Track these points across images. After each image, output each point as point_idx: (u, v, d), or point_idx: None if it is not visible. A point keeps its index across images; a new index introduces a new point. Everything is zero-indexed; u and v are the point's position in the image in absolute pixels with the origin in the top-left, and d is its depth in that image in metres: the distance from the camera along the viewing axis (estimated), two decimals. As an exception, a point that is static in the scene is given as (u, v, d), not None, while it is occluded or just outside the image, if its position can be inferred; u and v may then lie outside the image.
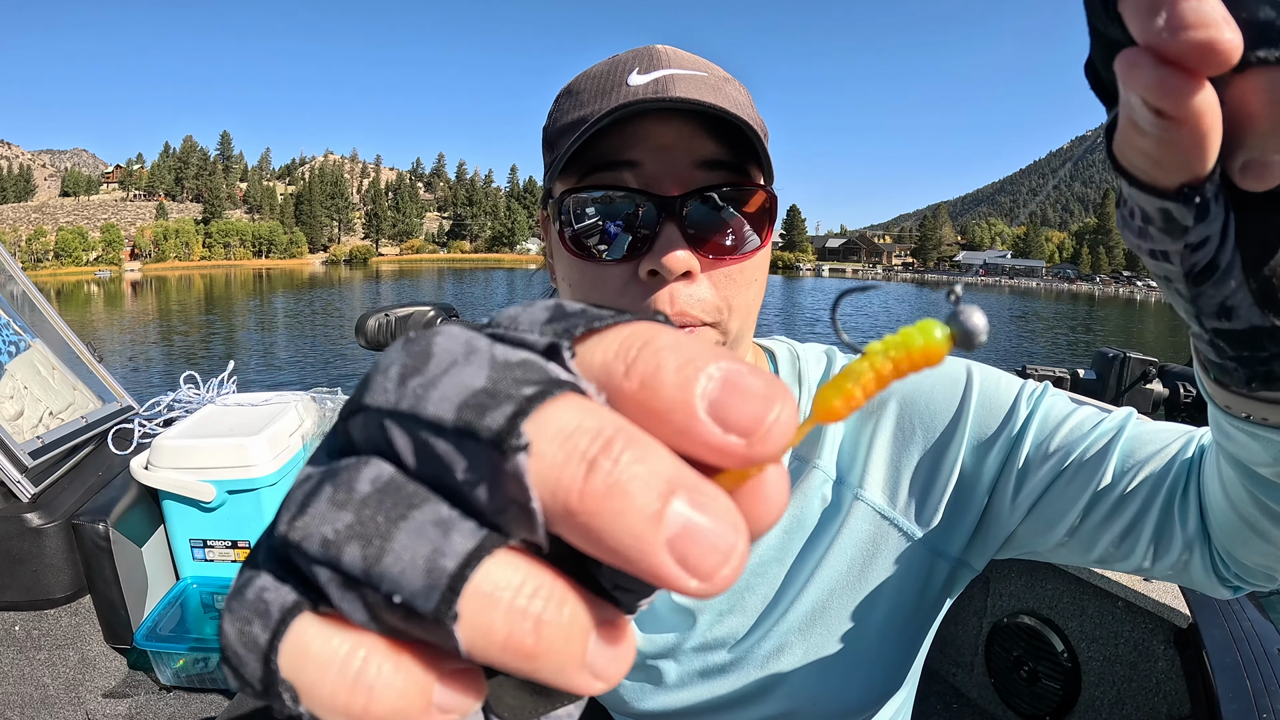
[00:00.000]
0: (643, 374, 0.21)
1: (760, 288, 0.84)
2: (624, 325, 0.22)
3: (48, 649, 2.27)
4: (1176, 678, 1.90)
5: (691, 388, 0.20)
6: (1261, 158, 0.34)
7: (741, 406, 0.20)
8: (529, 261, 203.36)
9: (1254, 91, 0.32)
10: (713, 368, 0.21)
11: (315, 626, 0.21)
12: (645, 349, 0.21)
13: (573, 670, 0.20)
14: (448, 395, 0.20)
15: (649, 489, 0.19)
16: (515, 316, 0.24)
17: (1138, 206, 0.39)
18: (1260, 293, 0.41)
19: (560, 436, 0.19)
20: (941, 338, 0.24)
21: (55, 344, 2.81)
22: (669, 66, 0.78)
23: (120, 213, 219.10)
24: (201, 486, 2.38)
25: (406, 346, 0.22)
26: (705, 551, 0.19)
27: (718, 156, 0.78)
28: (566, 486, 0.19)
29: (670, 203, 0.76)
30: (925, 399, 0.91)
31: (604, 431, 0.20)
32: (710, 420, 0.20)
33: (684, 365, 0.21)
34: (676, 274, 0.75)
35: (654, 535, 0.19)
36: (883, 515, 0.90)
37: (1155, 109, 0.31)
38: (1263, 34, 0.31)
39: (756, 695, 0.91)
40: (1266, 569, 0.68)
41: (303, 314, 44.20)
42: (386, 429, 0.21)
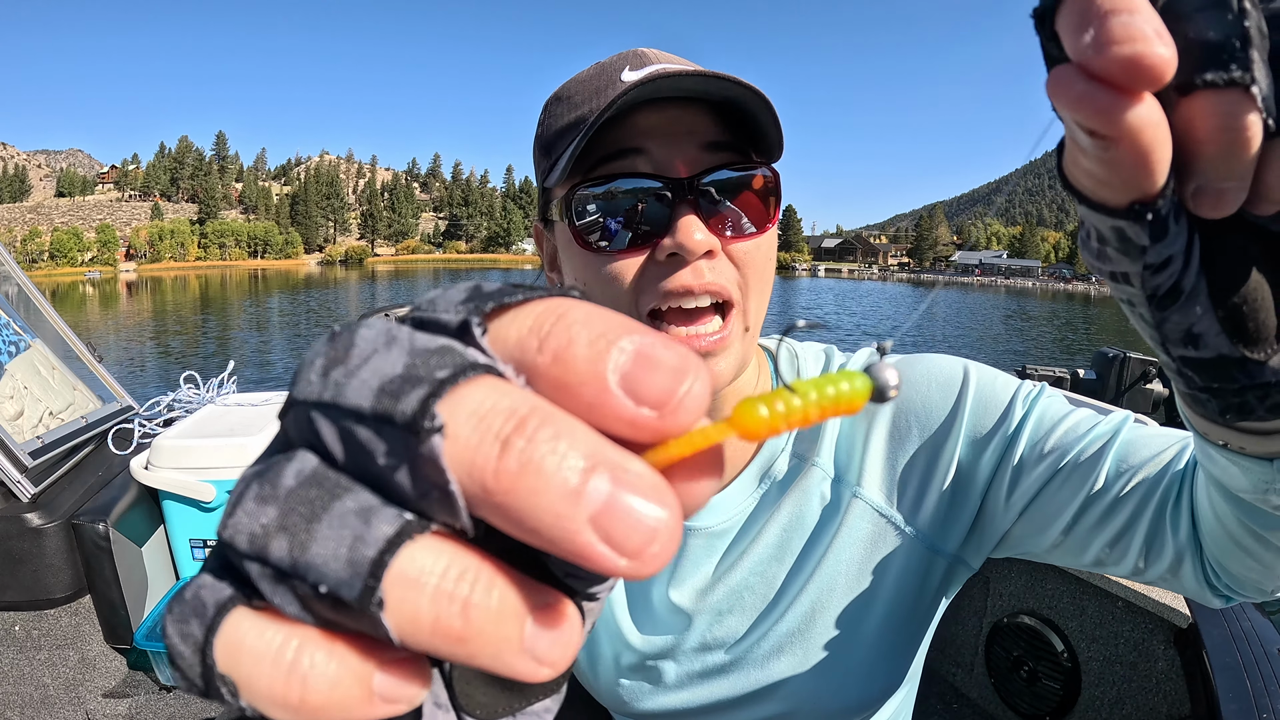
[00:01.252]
0: (555, 348, 0.21)
1: (772, 269, 0.85)
2: (538, 300, 0.22)
3: (48, 649, 2.27)
4: (1176, 678, 1.90)
5: (604, 360, 0.20)
6: (1211, 185, 0.33)
7: (653, 379, 0.20)
8: (525, 262, 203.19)
9: (1200, 116, 0.30)
10: (625, 341, 0.21)
11: (249, 620, 0.21)
12: (559, 323, 0.21)
13: (511, 655, 0.20)
14: (366, 382, 0.20)
15: (566, 465, 0.19)
16: (434, 299, 0.24)
17: (1092, 226, 0.37)
18: (1228, 321, 0.39)
19: (474, 417, 0.19)
20: (861, 389, 0.24)
21: (55, 344, 2.80)
22: (657, 64, 0.80)
23: (115, 213, 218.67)
24: (201, 486, 2.38)
25: (331, 339, 0.22)
26: (631, 528, 0.19)
27: (721, 138, 0.79)
28: (481, 466, 0.19)
29: (682, 184, 0.77)
30: (921, 397, 0.91)
31: (518, 410, 0.20)
32: (622, 393, 0.20)
33: (597, 338, 0.21)
34: (698, 254, 0.76)
35: (575, 513, 0.19)
36: (881, 513, 0.90)
37: (1087, 129, 0.30)
38: (1209, 56, 0.30)
39: (756, 695, 0.91)
40: (1257, 582, 0.68)
41: (300, 314, 44.14)
42: (313, 420, 0.21)
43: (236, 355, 4.95)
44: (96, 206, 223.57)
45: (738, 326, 0.80)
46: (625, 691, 0.99)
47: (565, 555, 0.19)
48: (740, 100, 0.76)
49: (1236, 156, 0.31)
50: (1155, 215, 0.33)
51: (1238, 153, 0.31)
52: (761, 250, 0.82)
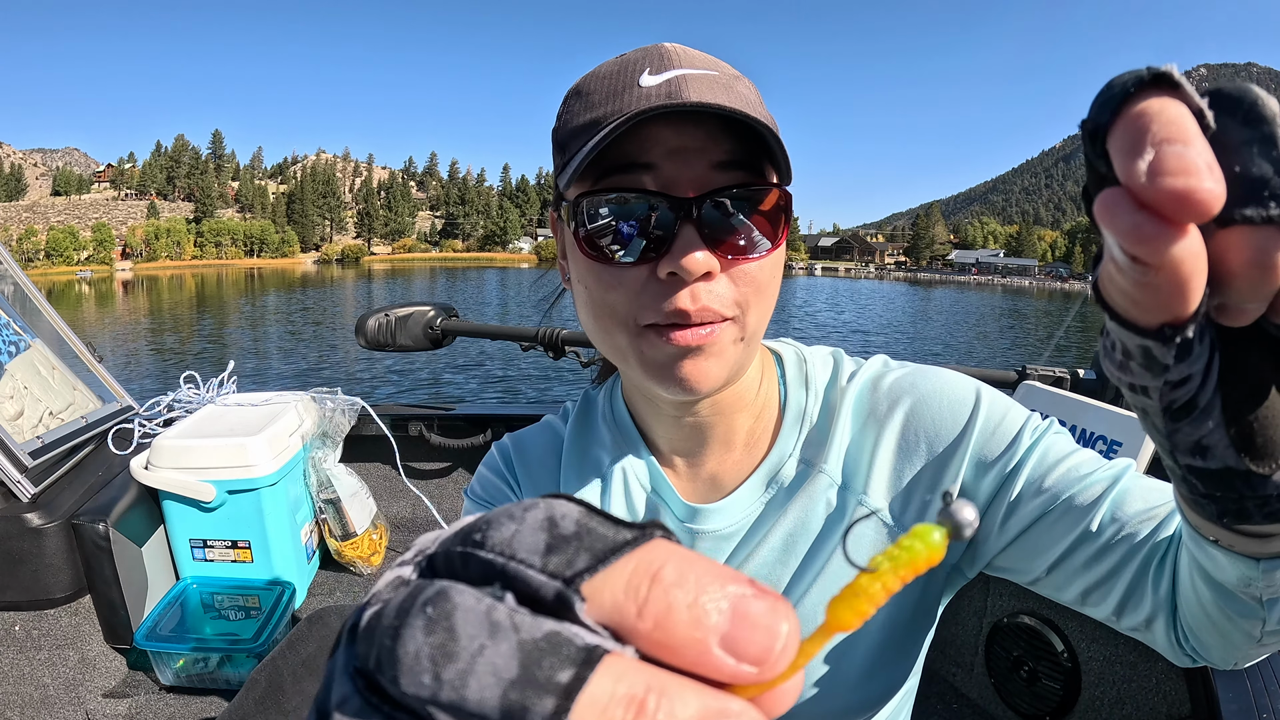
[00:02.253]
0: (655, 615, 0.22)
1: (776, 285, 0.85)
2: (628, 558, 0.23)
3: (48, 649, 2.26)
4: (1176, 678, 1.90)
5: (704, 626, 0.21)
6: (1236, 307, 0.34)
7: (751, 638, 0.21)
8: (521, 260, 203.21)
9: (1235, 249, 0.31)
10: (722, 602, 0.22)
11: None
12: (655, 588, 0.22)
13: None
14: (486, 686, 0.20)
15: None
16: (509, 542, 0.24)
17: (1119, 340, 0.38)
18: (1239, 437, 0.40)
19: (598, 711, 0.20)
20: (939, 543, 0.25)
21: (55, 344, 2.80)
22: (679, 66, 0.79)
23: (112, 212, 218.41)
24: (201, 486, 2.38)
25: (428, 625, 0.21)
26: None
27: (732, 157, 0.78)
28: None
29: (687, 204, 0.76)
30: (932, 414, 0.91)
31: (636, 695, 0.20)
32: (723, 654, 0.21)
33: (694, 604, 0.21)
34: (696, 275, 0.75)
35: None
36: (885, 522, 0.90)
37: (1130, 255, 0.31)
38: (1251, 191, 0.30)
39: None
40: (1222, 653, 0.69)
41: (298, 314, 44.07)
42: (433, 715, 0.21)
43: (235, 355, 4.94)
44: (92, 205, 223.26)
45: (730, 334, 0.80)
46: None
47: None
48: (753, 123, 0.75)
49: (1267, 286, 0.32)
50: (1182, 338, 0.34)
51: (1267, 283, 0.32)
52: (765, 270, 0.81)
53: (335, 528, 2.80)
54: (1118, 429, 1.97)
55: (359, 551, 2.84)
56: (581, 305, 0.86)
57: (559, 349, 2.58)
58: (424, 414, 3.00)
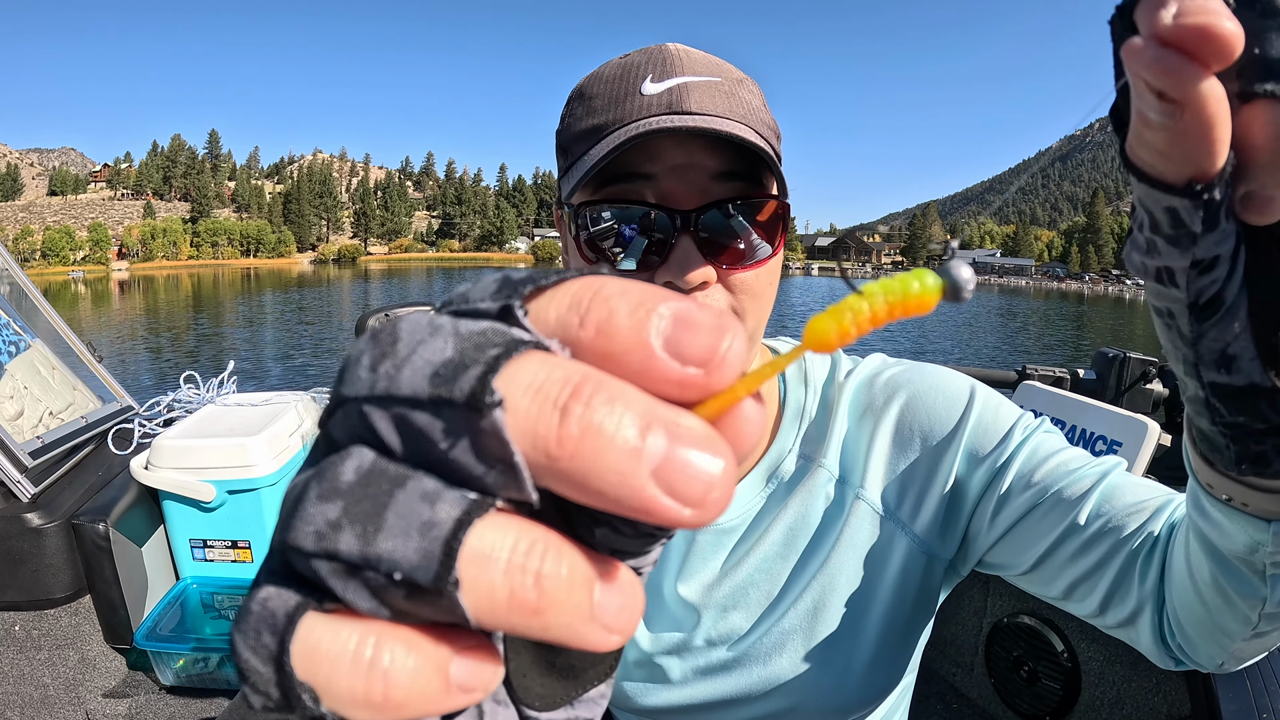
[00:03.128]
0: (597, 321, 0.21)
1: (773, 290, 0.87)
2: (573, 280, 0.23)
3: (48, 649, 2.26)
4: (1176, 678, 1.91)
5: (646, 328, 0.21)
6: (1262, 191, 0.35)
7: (695, 339, 0.21)
8: (518, 260, 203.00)
9: (1258, 123, 0.33)
10: (663, 307, 0.21)
11: (322, 623, 0.21)
12: (596, 298, 0.22)
13: (582, 624, 0.21)
14: (419, 370, 0.21)
15: (624, 424, 0.20)
16: (466, 292, 0.24)
17: (1146, 212, 0.38)
18: (1265, 345, 0.40)
19: (531, 389, 0.20)
20: (933, 286, 0.24)
21: (55, 344, 2.79)
22: (681, 73, 0.80)
23: (108, 212, 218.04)
24: (201, 486, 2.38)
25: (373, 335, 0.22)
26: (691, 478, 0.20)
27: (731, 168, 0.79)
28: (544, 435, 0.20)
29: (686, 216, 0.77)
30: (927, 409, 0.93)
31: (572, 378, 0.20)
32: (668, 355, 0.21)
33: (636, 308, 0.21)
34: (692, 286, 0.77)
35: (637, 469, 0.19)
36: (882, 516, 0.92)
37: (1158, 91, 0.32)
38: (1271, 69, 0.32)
39: (758, 691, 0.92)
40: (1210, 651, 0.69)
41: (294, 313, 44.02)
42: (366, 415, 0.22)
43: (233, 356, 4.92)
44: (89, 205, 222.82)
45: None
46: (629, 688, 0.99)
47: (631, 512, 0.20)
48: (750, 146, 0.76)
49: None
50: (1210, 197, 0.35)
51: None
52: (761, 279, 0.83)
53: (335, 528, 2.77)
54: (1118, 429, 1.98)
55: (359, 551, 2.81)
56: None
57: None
58: None
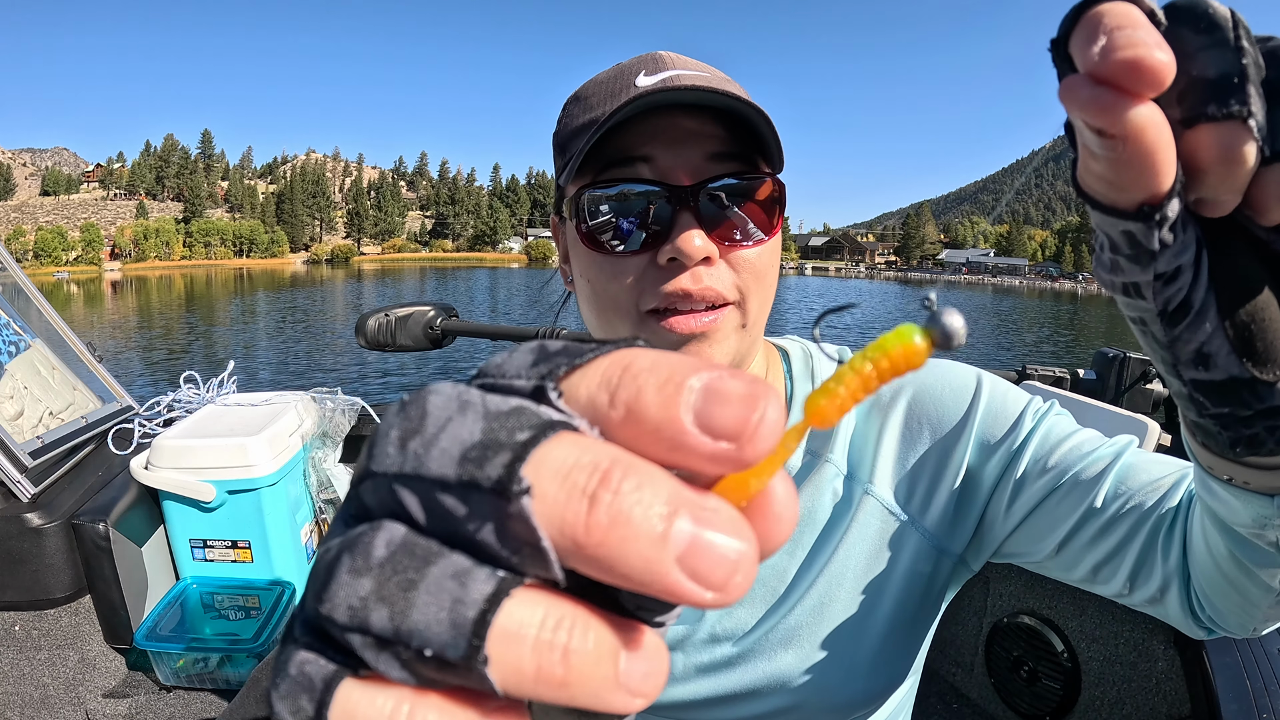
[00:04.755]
0: (627, 400, 0.22)
1: (775, 275, 0.87)
2: (603, 356, 0.23)
3: (48, 649, 2.26)
4: (1176, 678, 1.91)
5: (675, 403, 0.21)
6: (1212, 199, 0.36)
7: (726, 412, 0.21)
8: (511, 260, 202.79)
9: (1203, 146, 0.34)
10: (693, 379, 0.21)
11: (358, 690, 0.21)
12: (625, 374, 0.22)
13: (608, 692, 0.21)
14: (447, 451, 0.21)
15: (651, 513, 0.20)
16: (501, 364, 0.25)
17: (1104, 234, 0.39)
18: (1238, 339, 0.40)
19: (559, 475, 0.20)
20: (921, 344, 0.24)
21: (55, 344, 2.79)
22: (674, 69, 0.81)
23: (100, 212, 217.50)
24: (201, 486, 2.37)
25: (402, 409, 0.23)
26: (715, 563, 0.20)
27: (727, 148, 0.80)
28: (571, 523, 0.20)
29: (684, 192, 0.78)
30: (934, 401, 0.93)
31: (600, 464, 0.20)
32: (698, 430, 0.21)
33: (664, 383, 0.21)
34: (696, 259, 0.78)
35: (663, 556, 0.20)
36: (891, 511, 0.91)
37: (1095, 129, 0.33)
38: (1210, 92, 0.33)
39: (762, 688, 0.91)
40: (1240, 618, 0.69)
41: (288, 313, 43.92)
42: (395, 492, 0.22)
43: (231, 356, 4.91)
44: (81, 205, 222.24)
45: (733, 320, 0.82)
46: None
47: (653, 594, 0.20)
48: (745, 112, 0.77)
49: (1234, 177, 0.34)
50: (1162, 217, 0.35)
51: (1235, 174, 0.34)
52: (763, 257, 0.84)
53: (335, 527, 2.78)
54: (1117, 428, 1.99)
55: (358, 551, 2.81)
56: (584, 300, 0.88)
57: (559, 348, 2.57)
58: None
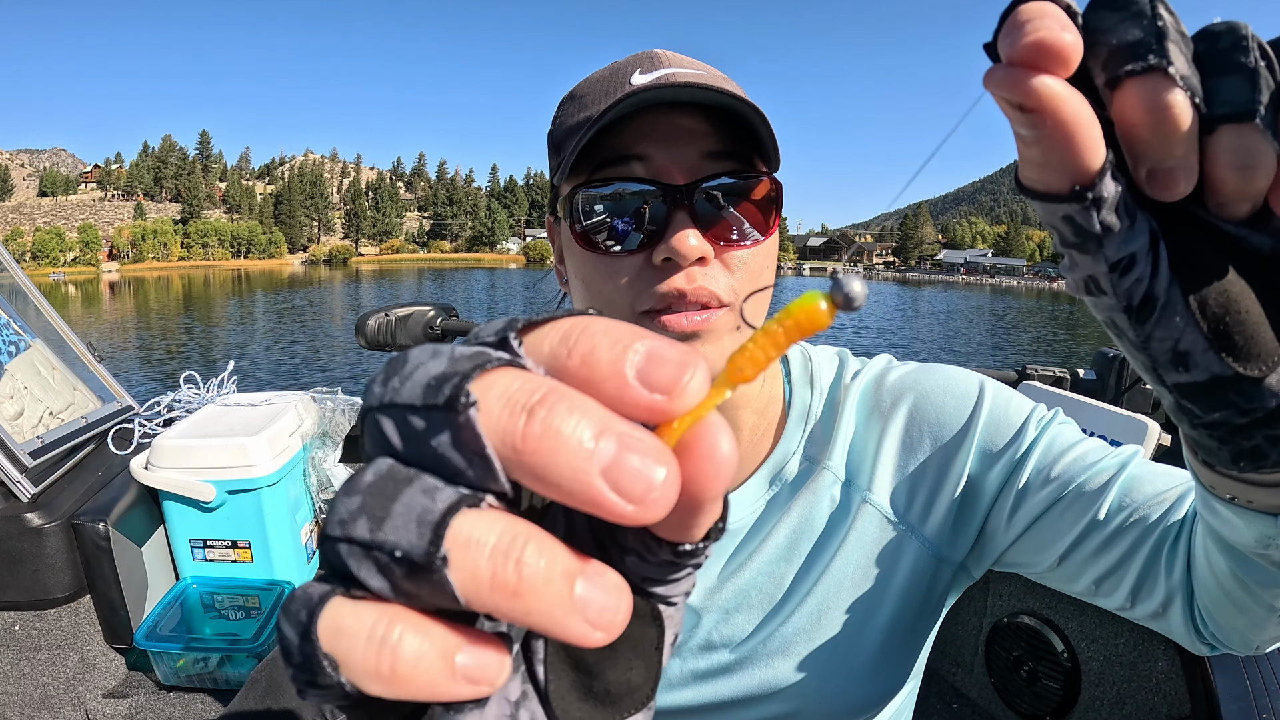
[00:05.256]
0: (582, 352, 0.25)
1: (770, 274, 0.86)
2: (564, 318, 0.27)
3: (48, 649, 2.26)
4: (1176, 678, 1.90)
5: (622, 360, 0.25)
6: (1157, 165, 0.36)
7: (662, 371, 0.24)
8: (509, 261, 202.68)
9: (1129, 103, 0.35)
10: (639, 344, 0.25)
11: (347, 605, 0.25)
12: (583, 333, 0.26)
13: (563, 614, 0.23)
14: (416, 383, 0.25)
15: (580, 429, 0.23)
16: (479, 330, 0.28)
17: (1052, 229, 0.40)
18: (1213, 333, 0.39)
19: (503, 395, 0.24)
20: (823, 307, 0.28)
21: (55, 344, 2.79)
22: (669, 67, 0.81)
23: (98, 213, 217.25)
24: (201, 486, 2.38)
25: (390, 361, 0.27)
26: (634, 478, 0.23)
27: (723, 147, 0.80)
28: (510, 431, 0.23)
29: (679, 191, 0.78)
30: (935, 408, 0.92)
31: (539, 389, 0.24)
32: (639, 384, 0.24)
33: (615, 343, 0.25)
34: (690, 259, 0.77)
35: (589, 467, 0.23)
36: (890, 519, 0.91)
37: (1016, 105, 0.35)
38: (1129, 52, 0.34)
39: (760, 694, 0.91)
40: (1243, 635, 0.68)
41: (287, 313, 43.88)
42: (379, 422, 0.26)
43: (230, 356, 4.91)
44: (79, 206, 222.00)
45: (727, 321, 0.81)
46: None
47: (582, 505, 0.23)
48: (741, 110, 0.77)
49: (1169, 133, 0.35)
50: (1097, 197, 0.36)
51: (1169, 129, 0.34)
52: (758, 257, 0.83)
53: (335, 528, 2.77)
54: (1118, 429, 1.99)
55: (358, 551, 2.81)
56: (579, 300, 0.88)
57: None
58: None
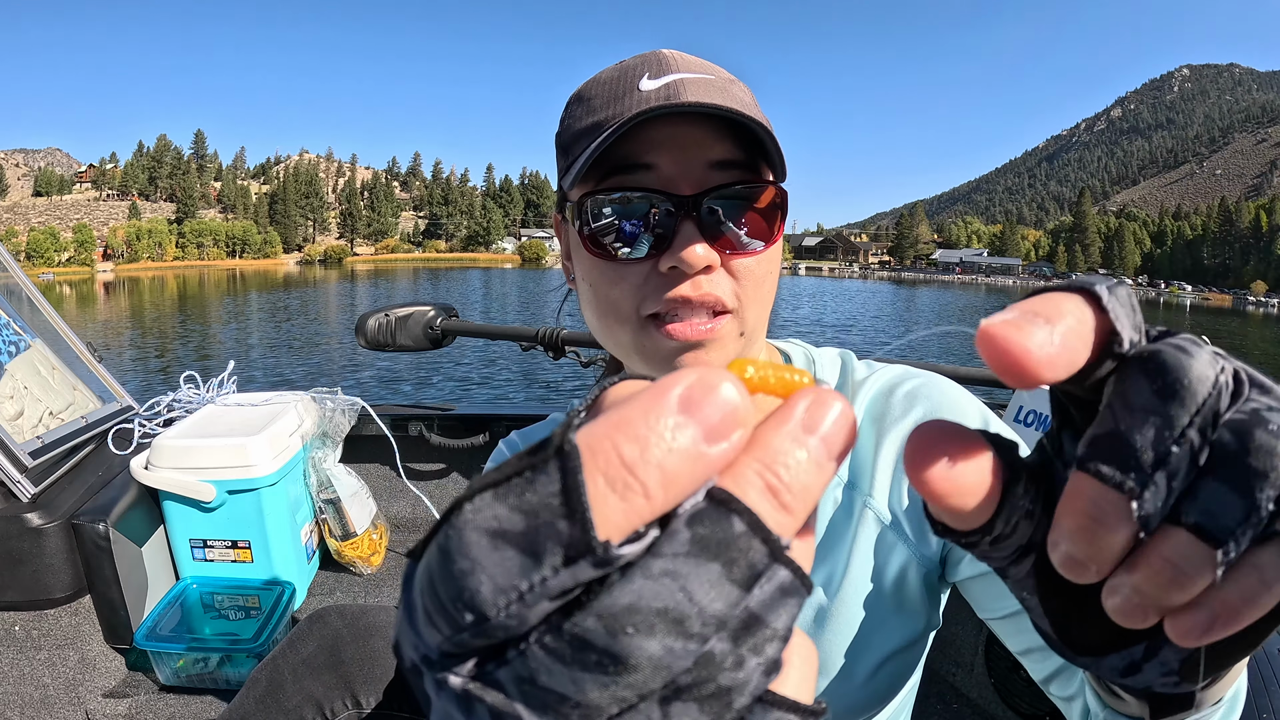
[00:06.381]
0: (658, 482, 0.21)
1: (774, 281, 0.87)
2: (589, 478, 0.21)
3: (48, 649, 2.25)
4: (1177, 676, 1.91)
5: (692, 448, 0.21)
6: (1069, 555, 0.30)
7: (718, 424, 0.22)
8: (504, 261, 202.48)
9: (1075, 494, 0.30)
10: (678, 426, 0.21)
11: None
12: (632, 471, 0.21)
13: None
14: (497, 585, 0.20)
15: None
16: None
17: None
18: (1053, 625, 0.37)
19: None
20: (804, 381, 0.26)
21: (55, 344, 2.78)
22: (678, 71, 0.81)
23: (93, 213, 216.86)
24: (201, 486, 2.38)
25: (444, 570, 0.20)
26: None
27: (730, 156, 0.80)
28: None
29: (686, 201, 0.79)
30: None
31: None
32: (710, 446, 0.22)
33: (674, 440, 0.21)
34: (697, 268, 0.78)
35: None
36: (887, 524, 0.91)
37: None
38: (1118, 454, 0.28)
39: None
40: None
41: (288, 314, 43.82)
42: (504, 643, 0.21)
43: (231, 355, 4.90)
44: (74, 206, 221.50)
45: (732, 328, 0.82)
46: None
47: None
48: (748, 123, 0.77)
49: (1096, 548, 0.29)
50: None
51: (1098, 546, 0.29)
52: (763, 265, 0.84)
53: (335, 528, 2.79)
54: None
55: (359, 551, 2.83)
56: (586, 303, 0.89)
57: (559, 349, 2.58)
58: (424, 414, 3.00)
